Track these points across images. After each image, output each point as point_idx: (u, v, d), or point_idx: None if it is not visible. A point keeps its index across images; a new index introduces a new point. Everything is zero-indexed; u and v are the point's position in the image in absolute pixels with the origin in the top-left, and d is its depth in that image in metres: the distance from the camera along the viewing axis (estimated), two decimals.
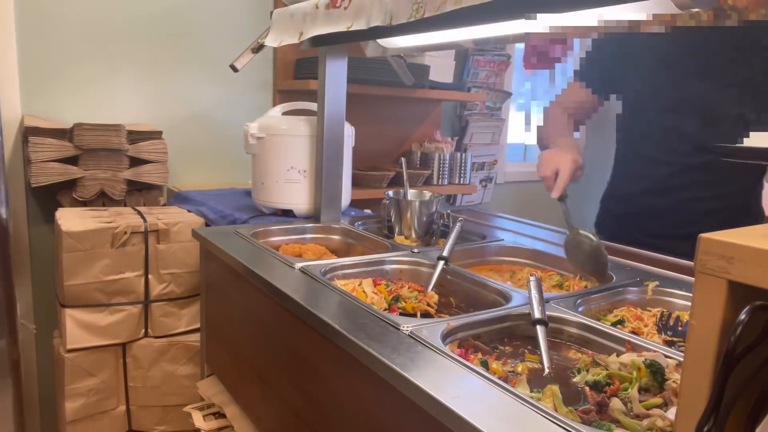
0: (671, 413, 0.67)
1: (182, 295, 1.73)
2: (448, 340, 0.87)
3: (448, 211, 1.55)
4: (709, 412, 0.44)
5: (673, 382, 0.73)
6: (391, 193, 1.56)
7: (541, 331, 0.89)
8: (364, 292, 1.09)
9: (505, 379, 0.79)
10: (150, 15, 2.11)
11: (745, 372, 0.44)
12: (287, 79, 2.39)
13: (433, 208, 1.53)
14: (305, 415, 1.04)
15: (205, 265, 1.53)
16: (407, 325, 0.87)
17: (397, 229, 1.53)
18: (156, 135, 1.95)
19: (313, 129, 1.62)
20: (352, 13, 1.17)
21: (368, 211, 1.95)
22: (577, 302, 1.02)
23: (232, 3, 2.25)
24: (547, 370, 0.83)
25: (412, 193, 1.60)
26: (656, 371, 0.74)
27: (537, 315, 0.91)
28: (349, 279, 1.19)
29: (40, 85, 1.96)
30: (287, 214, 1.69)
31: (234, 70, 1.58)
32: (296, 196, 1.65)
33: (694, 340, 0.47)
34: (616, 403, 0.70)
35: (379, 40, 1.44)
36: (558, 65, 3.03)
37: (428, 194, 1.60)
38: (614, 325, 0.97)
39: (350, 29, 1.18)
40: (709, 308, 0.45)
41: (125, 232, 1.61)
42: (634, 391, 0.72)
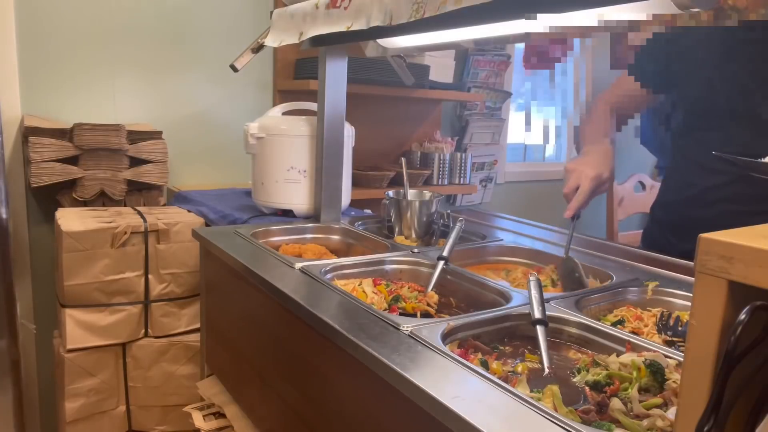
0: (671, 413, 0.67)
1: (182, 295, 1.73)
2: (448, 340, 0.87)
3: (448, 211, 1.55)
4: (709, 412, 0.44)
5: (673, 382, 0.73)
6: (391, 193, 1.56)
7: (541, 331, 0.89)
8: (364, 292, 1.09)
9: (505, 379, 0.79)
10: (150, 15, 2.11)
11: (745, 372, 0.44)
12: (287, 79, 2.39)
13: (433, 208, 1.53)
14: (305, 415, 1.04)
15: (205, 265, 1.53)
16: (407, 325, 0.87)
17: (397, 229, 1.53)
18: (156, 135, 1.95)
19: (313, 129, 1.62)
20: (352, 13, 1.17)
21: (368, 211, 1.95)
22: (577, 302, 1.03)
23: (232, 3, 2.25)
24: (547, 370, 0.83)
25: (412, 193, 1.59)
26: (656, 371, 0.74)
27: (537, 315, 0.91)
28: (349, 279, 1.19)
29: (40, 85, 1.96)
30: (287, 214, 1.69)
31: (234, 70, 1.58)
32: (296, 196, 1.65)
33: (694, 340, 0.47)
34: (616, 403, 0.70)
35: (379, 40, 1.44)
36: (558, 65, 3.03)
37: (428, 194, 1.60)
38: (614, 325, 0.97)
39: (350, 29, 1.18)
40: (709, 308, 0.45)
41: (125, 232, 1.61)
42: (634, 391, 0.72)
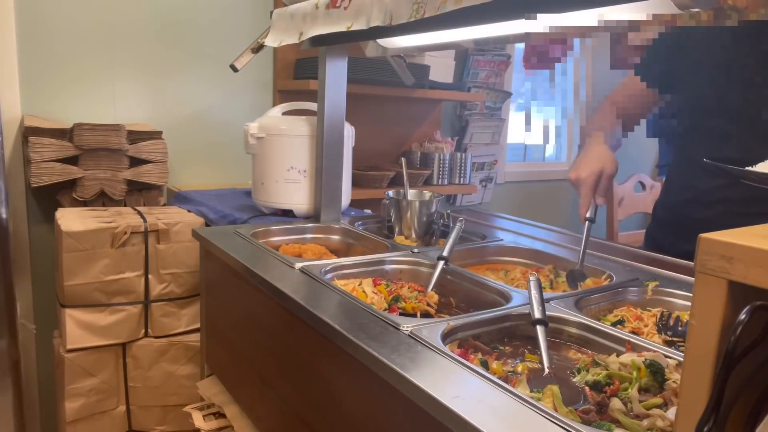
0: (671, 413, 0.67)
1: (182, 295, 1.73)
2: (448, 340, 0.87)
3: (448, 211, 1.55)
4: (709, 412, 0.44)
5: (673, 382, 0.73)
6: (391, 193, 1.56)
7: (541, 331, 0.89)
8: (364, 292, 1.09)
9: (505, 379, 0.79)
10: (150, 15, 2.11)
11: (745, 372, 0.44)
12: (287, 79, 2.39)
13: (433, 208, 1.53)
14: (305, 415, 1.04)
15: (205, 265, 1.53)
16: (407, 325, 0.87)
17: (397, 229, 1.53)
18: (156, 135, 1.95)
19: (313, 129, 1.62)
20: (352, 13, 1.17)
21: (368, 211, 1.95)
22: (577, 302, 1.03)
23: (231, 3, 2.25)
24: (547, 370, 0.83)
25: (412, 193, 1.59)
26: (656, 371, 0.74)
27: (537, 315, 0.91)
28: (349, 279, 1.19)
29: (40, 85, 1.96)
30: (287, 214, 1.69)
31: (234, 70, 1.58)
32: (296, 196, 1.65)
33: (694, 340, 0.47)
34: (616, 403, 0.70)
35: (379, 40, 1.44)
36: (558, 65, 3.03)
37: (428, 194, 1.60)
38: (614, 325, 0.97)
39: (350, 29, 1.18)
40: (709, 308, 0.45)
41: (125, 232, 1.61)
42: (634, 391, 0.72)
